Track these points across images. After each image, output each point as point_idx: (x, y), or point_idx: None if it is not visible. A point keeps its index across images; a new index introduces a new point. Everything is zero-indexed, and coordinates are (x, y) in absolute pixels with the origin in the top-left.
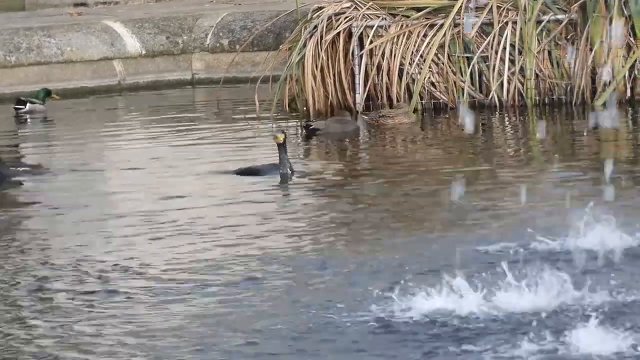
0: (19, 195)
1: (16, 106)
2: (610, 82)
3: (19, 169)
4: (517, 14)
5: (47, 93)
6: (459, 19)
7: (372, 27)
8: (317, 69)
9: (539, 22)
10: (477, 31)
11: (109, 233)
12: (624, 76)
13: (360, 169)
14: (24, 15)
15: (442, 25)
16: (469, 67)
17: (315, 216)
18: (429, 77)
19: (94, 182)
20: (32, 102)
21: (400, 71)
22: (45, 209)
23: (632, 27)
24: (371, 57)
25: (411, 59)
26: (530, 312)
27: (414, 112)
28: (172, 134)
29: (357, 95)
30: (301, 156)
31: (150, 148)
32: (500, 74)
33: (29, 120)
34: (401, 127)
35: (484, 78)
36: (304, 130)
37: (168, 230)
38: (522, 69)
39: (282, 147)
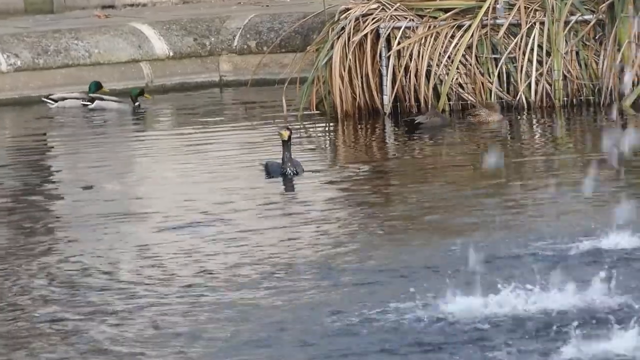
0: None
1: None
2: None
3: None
4: (544, 15)
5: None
6: (487, 19)
7: (399, 28)
8: (344, 71)
9: (566, 22)
10: (504, 32)
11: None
12: None
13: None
14: (52, 18)
15: (469, 26)
16: (496, 68)
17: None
18: (457, 79)
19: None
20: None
21: (428, 72)
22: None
23: None
24: (399, 59)
25: (439, 60)
26: (567, 312)
27: (442, 111)
28: (199, 135)
29: (384, 96)
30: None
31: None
32: (528, 75)
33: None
34: (491, 123)
35: (512, 79)
36: (406, 125)
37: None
38: (549, 70)
39: (286, 144)
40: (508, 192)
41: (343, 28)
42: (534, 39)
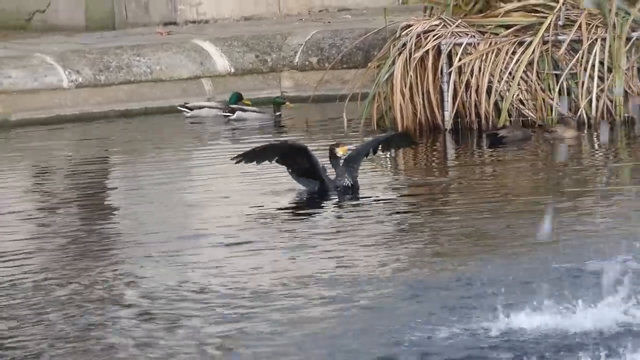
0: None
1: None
2: None
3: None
4: (606, 31)
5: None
6: (548, 36)
7: (460, 44)
8: (405, 87)
9: (628, 39)
10: (566, 48)
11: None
12: None
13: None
14: (114, 35)
15: (530, 42)
16: (557, 84)
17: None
18: (518, 95)
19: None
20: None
21: (489, 88)
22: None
23: None
24: (460, 75)
25: (500, 76)
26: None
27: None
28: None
29: (445, 112)
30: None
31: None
32: (589, 91)
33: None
34: (567, 139)
35: (573, 95)
36: (488, 139)
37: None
38: (610, 86)
39: (338, 159)
40: (576, 209)
41: (404, 44)
42: (595, 55)
